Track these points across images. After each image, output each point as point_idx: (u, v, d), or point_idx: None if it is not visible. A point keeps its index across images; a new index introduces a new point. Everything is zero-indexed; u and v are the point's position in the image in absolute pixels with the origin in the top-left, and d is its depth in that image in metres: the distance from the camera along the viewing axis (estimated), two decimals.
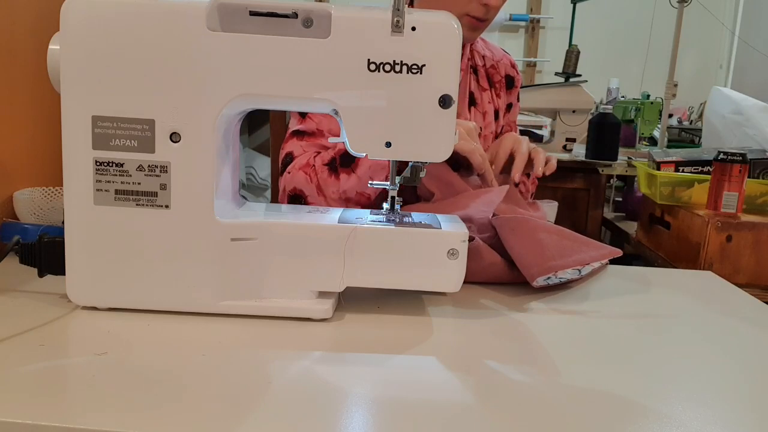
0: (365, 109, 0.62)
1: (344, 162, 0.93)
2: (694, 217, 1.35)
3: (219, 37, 0.59)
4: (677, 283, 0.87)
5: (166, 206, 0.62)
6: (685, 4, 2.00)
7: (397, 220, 0.68)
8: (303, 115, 1.03)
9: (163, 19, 0.59)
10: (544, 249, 0.75)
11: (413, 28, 0.60)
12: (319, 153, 0.98)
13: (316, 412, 0.47)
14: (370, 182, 0.74)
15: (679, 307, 0.76)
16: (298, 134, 1.02)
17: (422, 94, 0.62)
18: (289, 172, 0.97)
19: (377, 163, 0.90)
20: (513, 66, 1.19)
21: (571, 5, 3.03)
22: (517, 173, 0.92)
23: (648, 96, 2.44)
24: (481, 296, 0.75)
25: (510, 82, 1.16)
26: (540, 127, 2.41)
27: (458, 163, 0.92)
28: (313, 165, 0.95)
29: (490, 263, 0.76)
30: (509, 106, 1.17)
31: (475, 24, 1.01)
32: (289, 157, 1.00)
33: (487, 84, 1.13)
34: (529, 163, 0.95)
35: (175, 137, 0.61)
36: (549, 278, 0.75)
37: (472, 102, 1.10)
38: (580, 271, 0.78)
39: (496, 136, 1.14)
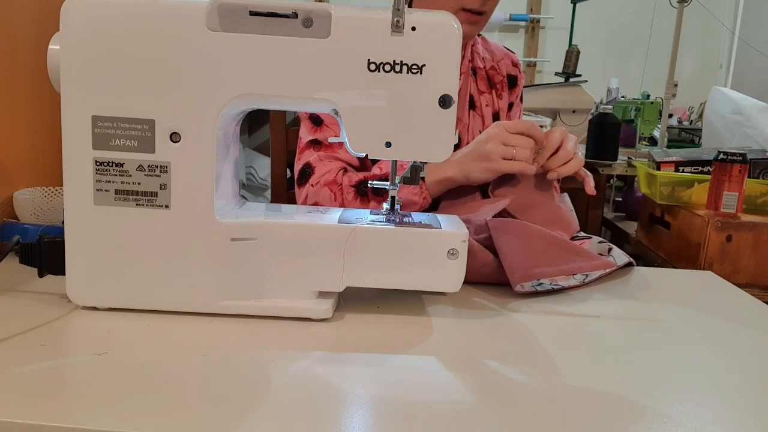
0: (365, 109, 0.62)
1: (377, 191, 0.91)
2: (694, 217, 1.35)
3: (219, 37, 0.59)
4: (677, 283, 0.87)
5: (166, 206, 0.62)
6: (685, 4, 2.00)
7: (397, 220, 0.68)
8: (317, 123, 1.01)
9: (163, 19, 0.59)
10: (532, 256, 0.74)
11: (413, 28, 0.60)
12: (346, 170, 0.96)
13: (316, 412, 0.47)
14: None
15: (679, 307, 0.76)
16: (315, 144, 1.00)
17: (422, 94, 0.62)
18: (312, 185, 0.95)
19: (409, 200, 0.90)
20: (515, 65, 1.17)
21: (571, 5, 3.03)
22: (554, 170, 0.89)
23: (648, 96, 2.43)
24: (480, 296, 0.75)
25: (512, 82, 1.15)
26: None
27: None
28: (340, 184, 0.94)
29: (483, 264, 0.76)
30: (511, 106, 1.16)
31: (473, 18, 0.99)
32: (308, 168, 0.98)
33: (487, 86, 1.12)
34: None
35: (175, 137, 0.61)
36: (541, 284, 0.74)
37: (472, 105, 1.10)
38: (584, 278, 0.78)
39: None
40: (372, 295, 0.72)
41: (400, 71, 0.61)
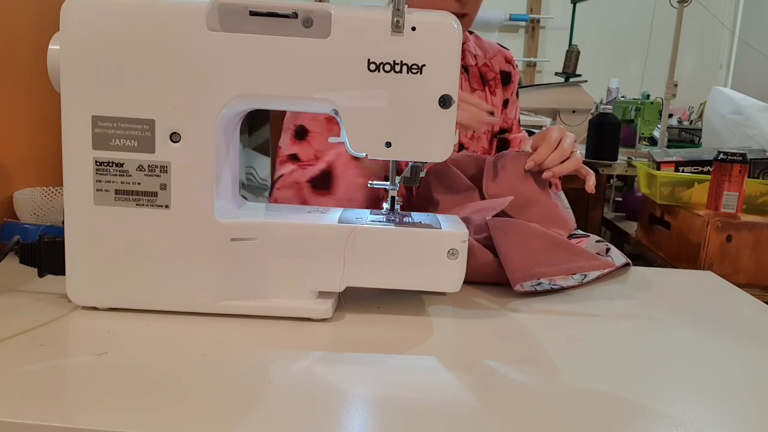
0: (365, 109, 0.62)
1: (318, 185, 0.91)
2: (694, 217, 1.35)
3: (219, 37, 0.59)
4: (677, 283, 0.87)
5: (166, 206, 0.62)
6: (685, 4, 2.00)
7: (397, 220, 0.68)
8: (299, 137, 0.99)
9: (163, 19, 0.59)
10: (532, 255, 0.74)
11: (413, 28, 0.60)
12: (303, 168, 0.96)
13: (316, 412, 0.47)
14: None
15: (679, 307, 0.76)
16: (294, 159, 0.98)
17: (422, 94, 0.62)
18: (278, 189, 0.95)
19: (354, 184, 0.89)
20: (509, 61, 1.16)
21: (571, 5, 3.03)
22: (549, 169, 0.88)
23: (648, 96, 2.43)
24: (480, 296, 0.75)
25: (506, 78, 1.14)
26: (540, 127, 2.41)
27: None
28: (299, 182, 0.93)
29: (483, 263, 0.76)
30: (506, 103, 1.15)
31: None
32: (279, 178, 0.98)
33: (479, 83, 1.11)
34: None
35: (175, 137, 0.61)
36: (540, 283, 0.75)
37: None
38: (583, 278, 0.78)
39: (494, 135, 1.13)
40: (372, 295, 0.72)
41: (400, 71, 0.61)
